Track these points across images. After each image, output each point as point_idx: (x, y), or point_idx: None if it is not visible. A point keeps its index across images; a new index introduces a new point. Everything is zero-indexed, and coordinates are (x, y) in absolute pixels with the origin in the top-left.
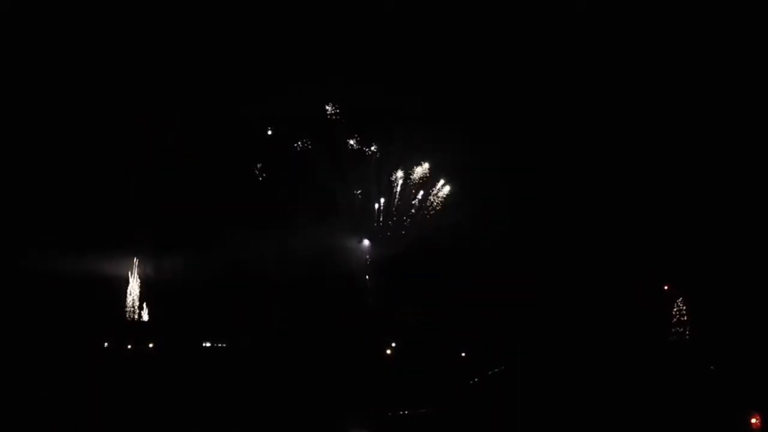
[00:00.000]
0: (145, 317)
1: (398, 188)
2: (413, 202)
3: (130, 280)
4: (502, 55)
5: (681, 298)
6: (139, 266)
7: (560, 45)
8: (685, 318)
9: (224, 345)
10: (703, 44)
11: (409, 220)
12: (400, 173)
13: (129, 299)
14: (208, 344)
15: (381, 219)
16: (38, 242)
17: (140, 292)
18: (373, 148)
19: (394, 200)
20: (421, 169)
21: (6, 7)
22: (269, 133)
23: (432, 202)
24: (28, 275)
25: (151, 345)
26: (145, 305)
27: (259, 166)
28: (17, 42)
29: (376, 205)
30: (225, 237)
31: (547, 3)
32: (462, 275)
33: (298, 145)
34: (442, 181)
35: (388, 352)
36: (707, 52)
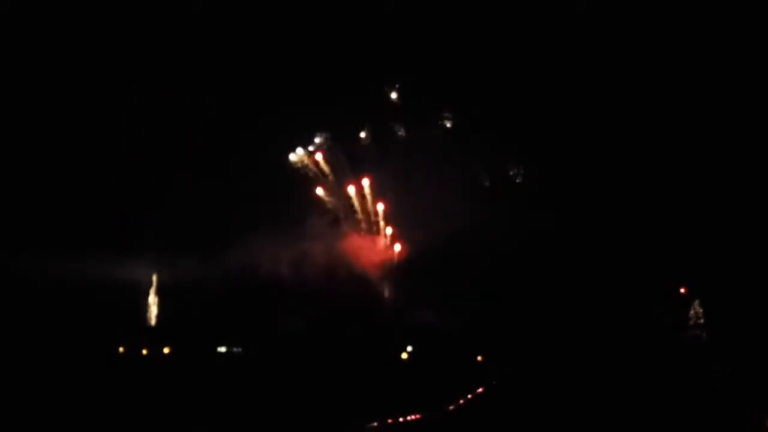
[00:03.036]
0: (161, 322)
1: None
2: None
3: (146, 285)
4: (503, 55)
5: (698, 301)
6: (154, 271)
7: (560, 45)
8: (702, 321)
9: (239, 350)
10: (706, 44)
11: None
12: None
13: (144, 304)
14: (223, 349)
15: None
16: (55, 248)
17: (155, 298)
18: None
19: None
20: None
21: (6, 7)
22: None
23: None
24: (44, 281)
25: (166, 350)
26: (160, 310)
27: (274, 171)
28: (26, 42)
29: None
30: (240, 242)
31: (547, 3)
32: (479, 278)
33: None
34: None
35: (404, 356)
36: (712, 51)
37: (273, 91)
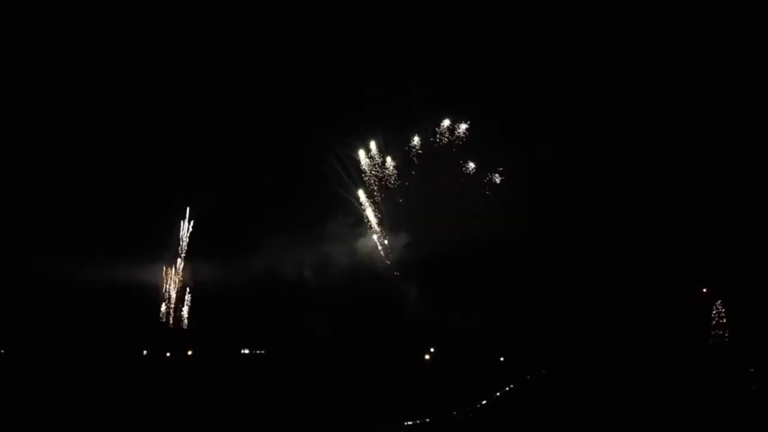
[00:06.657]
0: (184, 325)
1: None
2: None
3: (168, 288)
4: (504, 56)
5: (720, 301)
6: (178, 274)
7: (560, 44)
8: (724, 320)
9: (262, 352)
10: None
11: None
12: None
13: (167, 307)
14: (246, 351)
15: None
16: (78, 251)
17: (179, 300)
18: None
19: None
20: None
21: (6, 6)
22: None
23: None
24: (68, 285)
25: (189, 352)
26: (183, 313)
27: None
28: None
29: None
30: (263, 245)
31: (547, 3)
32: (501, 279)
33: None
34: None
35: (427, 357)
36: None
37: (293, 100)
